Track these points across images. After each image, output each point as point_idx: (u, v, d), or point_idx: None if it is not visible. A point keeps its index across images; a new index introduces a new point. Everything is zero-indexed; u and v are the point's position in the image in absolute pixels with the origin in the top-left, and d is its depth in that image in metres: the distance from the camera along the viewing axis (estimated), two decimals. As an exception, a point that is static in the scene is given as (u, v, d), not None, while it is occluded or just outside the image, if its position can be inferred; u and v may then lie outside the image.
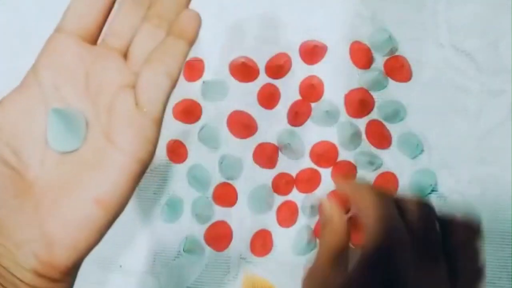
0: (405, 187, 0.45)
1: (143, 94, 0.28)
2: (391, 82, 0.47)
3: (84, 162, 0.28)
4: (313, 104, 0.47)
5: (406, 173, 0.45)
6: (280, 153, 0.47)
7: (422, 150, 0.45)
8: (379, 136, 0.46)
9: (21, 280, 0.27)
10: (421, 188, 0.45)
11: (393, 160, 0.46)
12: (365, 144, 0.46)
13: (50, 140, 0.28)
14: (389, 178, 0.45)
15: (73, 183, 0.28)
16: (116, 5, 0.31)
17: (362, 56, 0.47)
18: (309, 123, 0.47)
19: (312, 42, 0.47)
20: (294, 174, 0.46)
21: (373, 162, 0.45)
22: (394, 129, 0.46)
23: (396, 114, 0.46)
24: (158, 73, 0.28)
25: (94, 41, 0.31)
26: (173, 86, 0.29)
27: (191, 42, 0.30)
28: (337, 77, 0.47)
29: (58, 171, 0.28)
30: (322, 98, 0.47)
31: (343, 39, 0.48)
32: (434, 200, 0.44)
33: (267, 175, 0.47)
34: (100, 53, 0.30)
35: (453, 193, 0.45)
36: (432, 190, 0.45)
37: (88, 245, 0.28)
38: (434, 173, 0.45)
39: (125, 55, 0.31)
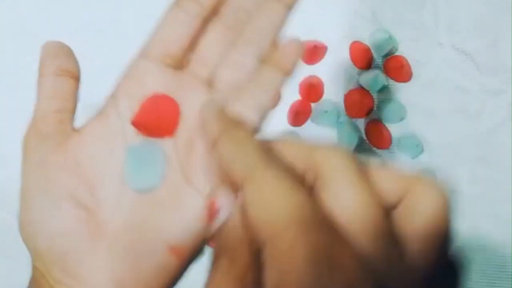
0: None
1: None
2: (391, 82, 0.47)
3: (160, 203, 0.26)
4: (313, 104, 0.47)
5: (406, 173, 0.45)
6: (280, 153, 0.47)
7: (422, 150, 0.45)
8: (379, 136, 0.46)
9: None
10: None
11: (393, 160, 0.46)
12: (365, 144, 0.46)
13: (128, 177, 0.26)
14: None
15: (148, 227, 0.26)
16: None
17: (362, 56, 0.47)
18: (309, 123, 0.47)
19: (312, 42, 0.47)
20: (294, 174, 0.46)
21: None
22: (394, 129, 0.46)
23: (396, 114, 0.46)
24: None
25: (180, 66, 0.28)
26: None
27: (289, 75, 0.28)
28: (337, 77, 0.47)
29: (134, 213, 0.26)
30: (322, 98, 0.47)
31: (343, 39, 0.48)
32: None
33: (267, 175, 0.46)
34: (184, 81, 0.28)
35: (453, 193, 0.45)
36: (432, 190, 0.45)
37: None
38: (434, 173, 0.45)
39: (210, 83, 0.28)
